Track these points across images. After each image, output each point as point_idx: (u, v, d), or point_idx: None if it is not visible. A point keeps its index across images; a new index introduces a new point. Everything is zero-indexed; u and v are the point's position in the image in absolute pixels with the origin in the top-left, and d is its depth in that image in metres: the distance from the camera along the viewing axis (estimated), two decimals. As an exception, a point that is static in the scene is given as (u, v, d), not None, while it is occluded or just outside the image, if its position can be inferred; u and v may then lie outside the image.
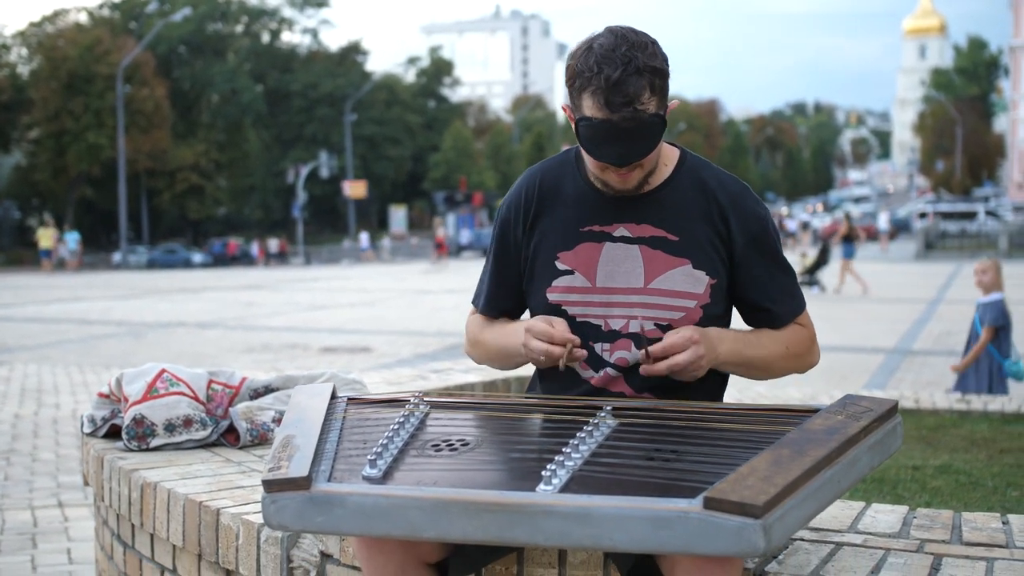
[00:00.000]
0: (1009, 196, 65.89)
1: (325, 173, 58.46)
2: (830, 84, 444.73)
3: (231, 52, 64.78)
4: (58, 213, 51.17)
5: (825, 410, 1.87)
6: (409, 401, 2.11)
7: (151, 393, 3.00)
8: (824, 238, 23.57)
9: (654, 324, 2.10)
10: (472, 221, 58.48)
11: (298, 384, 3.16)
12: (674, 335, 2.04)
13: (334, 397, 2.22)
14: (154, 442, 2.98)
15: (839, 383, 8.97)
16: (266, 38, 68.35)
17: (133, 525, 2.89)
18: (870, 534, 2.16)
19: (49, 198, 53.28)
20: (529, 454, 1.81)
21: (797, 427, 1.79)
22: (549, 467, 1.67)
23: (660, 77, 1.98)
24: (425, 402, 2.10)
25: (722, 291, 2.14)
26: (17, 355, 12.23)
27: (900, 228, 56.72)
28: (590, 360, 2.13)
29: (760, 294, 2.17)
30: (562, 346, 2.06)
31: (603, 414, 1.91)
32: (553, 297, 2.16)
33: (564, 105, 2.12)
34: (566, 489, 1.63)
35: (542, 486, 1.63)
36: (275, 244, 51.31)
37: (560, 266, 2.16)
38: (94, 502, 3.40)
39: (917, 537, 2.14)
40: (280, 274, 35.29)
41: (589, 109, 1.99)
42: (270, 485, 1.73)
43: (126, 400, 3.03)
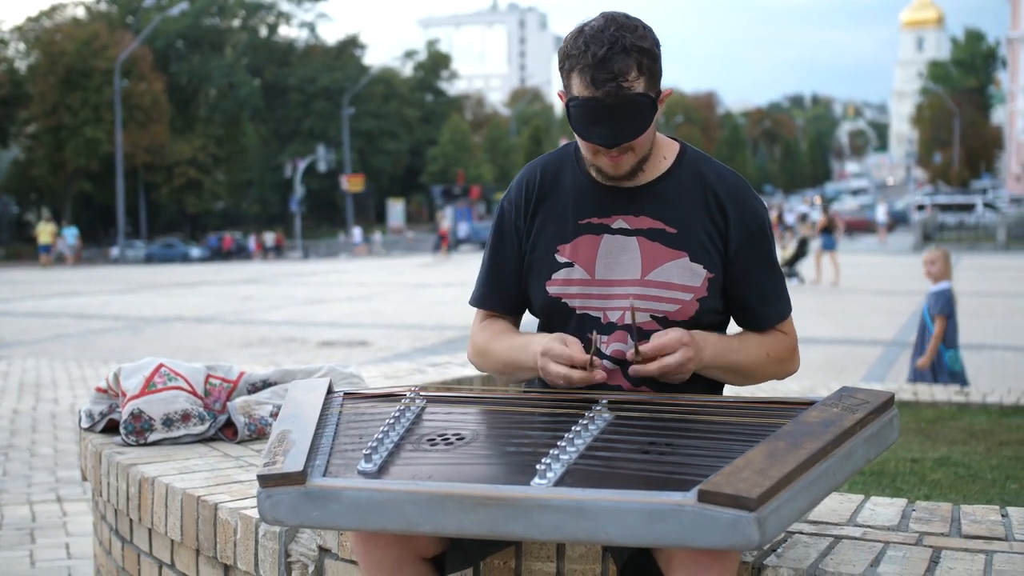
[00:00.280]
0: (1007, 188, 65.90)
1: (323, 167, 58.34)
2: (827, 77, 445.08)
3: (228, 46, 64.69)
4: (56, 208, 51.15)
5: (821, 403, 1.87)
6: (405, 396, 2.10)
7: (149, 388, 3.00)
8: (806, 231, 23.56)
9: (650, 316, 2.09)
10: (470, 214, 58.43)
11: (296, 378, 3.16)
12: (664, 336, 2.02)
13: (330, 392, 2.22)
14: (152, 437, 2.98)
15: (837, 376, 8.97)
16: (263, 32, 68.20)
17: (131, 520, 2.89)
18: (869, 527, 2.16)
19: (47, 193, 53.20)
20: (524, 448, 1.81)
21: (793, 420, 1.78)
22: (544, 461, 1.67)
23: (649, 58, 1.97)
24: (421, 396, 2.10)
25: (719, 285, 2.13)
26: (15, 350, 12.23)
27: (898, 220, 56.75)
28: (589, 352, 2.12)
29: (748, 292, 2.15)
30: (583, 368, 2.00)
31: (599, 407, 1.91)
32: (552, 290, 2.15)
33: (559, 91, 2.11)
34: (561, 483, 1.63)
35: (537, 480, 1.63)
36: (271, 238, 51.28)
37: (559, 259, 2.15)
38: (92, 497, 3.41)
39: (916, 530, 2.14)
40: (278, 268, 35.25)
41: (577, 88, 1.99)
42: (266, 480, 1.73)
43: (124, 395, 3.03)
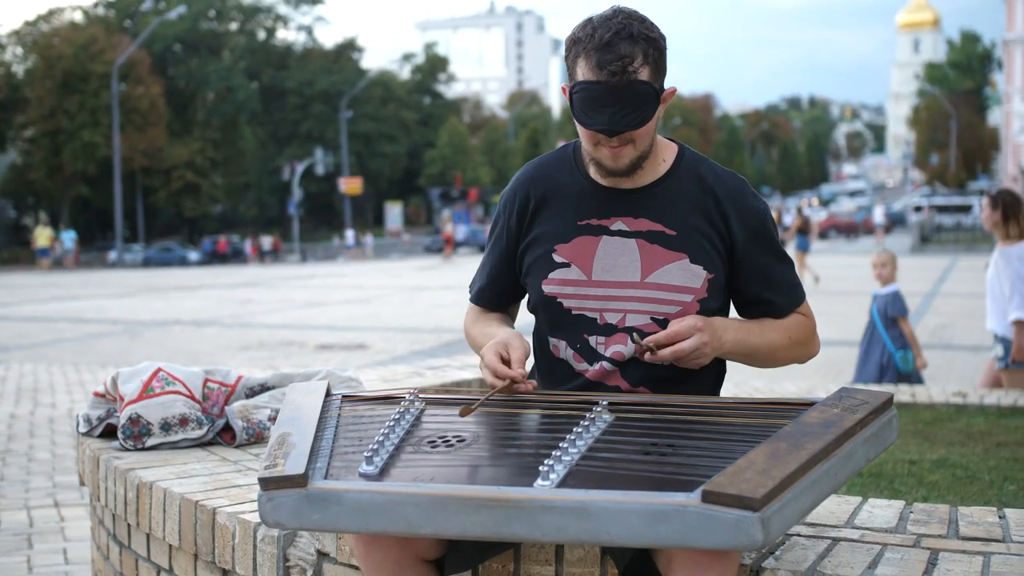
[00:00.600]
0: (1004, 189, 65.82)
1: (321, 170, 58.36)
2: (824, 78, 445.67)
3: (226, 50, 64.67)
4: (54, 211, 51.09)
5: (821, 403, 1.88)
6: (404, 398, 2.10)
7: (147, 392, 2.99)
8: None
9: (650, 319, 2.09)
10: (468, 217, 58.51)
11: (294, 382, 3.16)
12: (679, 323, 2.03)
13: (329, 395, 2.21)
14: (150, 441, 2.97)
15: (835, 377, 8.98)
16: (261, 35, 68.19)
17: (129, 525, 2.88)
18: (867, 529, 2.16)
19: (45, 197, 53.16)
20: (526, 449, 1.81)
21: (793, 420, 1.79)
22: (546, 462, 1.67)
23: (655, 48, 1.99)
24: (420, 399, 2.10)
25: (719, 286, 2.14)
26: (13, 354, 12.21)
27: (896, 222, 56.84)
28: (585, 353, 2.13)
29: (763, 286, 2.17)
30: (502, 380, 2.03)
31: (599, 408, 1.91)
32: (549, 289, 2.16)
33: (563, 86, 2.11)
34: (563, 484, 1.62)
35: (539, 481, 1.63)
36: (268, 241, 51.25)
37: (557, 258, 2.16)
38: (90, 502, 3.40)
39: (914, 532, 2.14)
40: (276, 271, 35.24)
41: (582, 72, 2.00)
42: (266, 483, 1.73)
43: (122, 399, 3.03)
